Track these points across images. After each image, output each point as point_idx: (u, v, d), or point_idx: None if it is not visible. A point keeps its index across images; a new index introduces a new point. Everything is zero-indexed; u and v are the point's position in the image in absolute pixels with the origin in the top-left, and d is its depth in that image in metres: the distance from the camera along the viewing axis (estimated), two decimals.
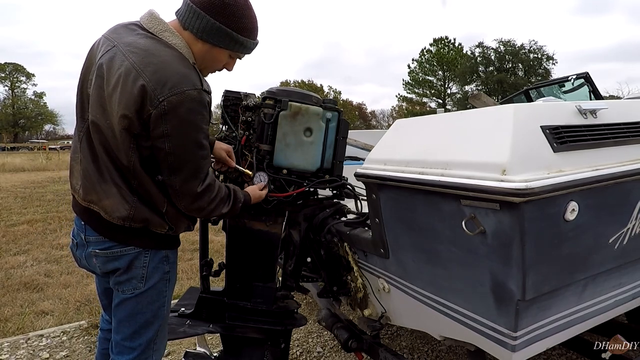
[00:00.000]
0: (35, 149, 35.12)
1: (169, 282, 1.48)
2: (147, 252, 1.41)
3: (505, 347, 1.22)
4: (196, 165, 1.33)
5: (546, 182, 1.04)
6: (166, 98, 1.23)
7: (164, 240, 1.44)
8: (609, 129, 1.33)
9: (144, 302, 1.42)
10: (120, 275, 1.40)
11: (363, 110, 65.27)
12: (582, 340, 1.93)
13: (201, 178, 1.35)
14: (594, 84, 3.76)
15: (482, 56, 45.08)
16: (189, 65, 1.33)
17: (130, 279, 1.40)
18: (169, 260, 1.47)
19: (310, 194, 2.02)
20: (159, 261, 1.43)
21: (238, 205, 1.52)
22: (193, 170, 1.33)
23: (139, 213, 1.36)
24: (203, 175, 1.36)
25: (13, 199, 9.33)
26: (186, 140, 1.29)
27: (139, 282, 1.41)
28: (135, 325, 1.43)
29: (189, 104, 1.25)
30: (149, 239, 1.41)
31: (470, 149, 1.20)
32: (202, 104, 1.29)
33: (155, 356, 1.49)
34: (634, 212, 1.32)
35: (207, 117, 1.34)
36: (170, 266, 1.48)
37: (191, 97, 1.26)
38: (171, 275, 1.49)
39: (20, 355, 2.76)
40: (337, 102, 2.08)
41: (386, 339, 2.89)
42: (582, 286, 1.32)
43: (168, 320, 1.56)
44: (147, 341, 1.45)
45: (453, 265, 1.31)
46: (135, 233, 1.38)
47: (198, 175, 1.34)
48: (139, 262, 1.40)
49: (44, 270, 4.47)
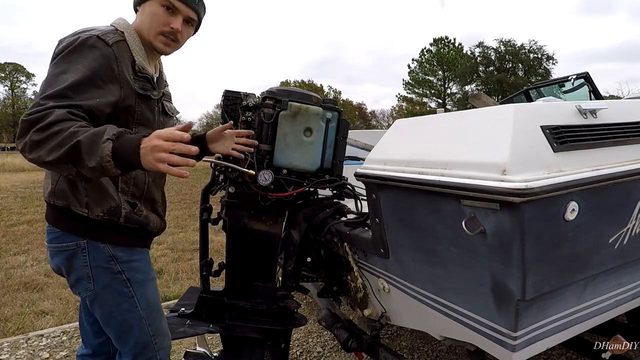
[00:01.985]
0: None
1: (131, 282, 1.36)
2: (84, 249, 1.31)
3: (505, 347, 1.22)
4: (53, 88, 1.16)
5: (546, 182, 1.04)
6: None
7: (95, 227, 1.30)
8: (609, 129, 1.33)
9: (106, 304, 1.36)
10: (69, 276, 1.36)
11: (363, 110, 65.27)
12: (582, 340, 1.93)
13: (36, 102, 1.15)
14: (594, 84, 3.76)
15: (482, 56, 45.06)
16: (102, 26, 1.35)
17: (79, 279, 1.35)
18: (117, 259, 1.34)
19: (310, 194, 2.02)
20: (102, 260, 1.32)
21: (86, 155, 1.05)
22: (46, 87, 1.18)
23: (59, 186, 1.31)
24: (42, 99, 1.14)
25: (13, 199, 9.33)
26: (53, 69, 1.22)
27: (88, 282, 1.34)
28: (115, 329, 1.39)
29: (73, 42, 1.24)
30: (77, 223, 1.31)
31: (470, 149, 1.20)
32: (85, 44, 1.24)
33: (160, 355, 1.45)
34: (634, 212, 1.32)
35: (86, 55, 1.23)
36: (123, 266, 1.35)
37: (79, 39, 1.24)
38: (131, 276, 1.37)
39: (20, 355, 2.76)
40: (337, 102, 2.08)
41: (386, 339, 2.89)
42: (582, 286, 1.32)
43: (161, 319, 1.48)
44: (136, 344, 1.40)
45: (453, 265, 1.31)
46: (62, 213, 1.31)
47: (38, 99, 1.15)
48: (79, 260, 1.32)
49: (44, 270, 4.47)
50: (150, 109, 1.42)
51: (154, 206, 1.51)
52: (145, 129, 1.37)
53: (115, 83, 1.27)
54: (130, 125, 1.34)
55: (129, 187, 1.39)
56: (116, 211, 1.33)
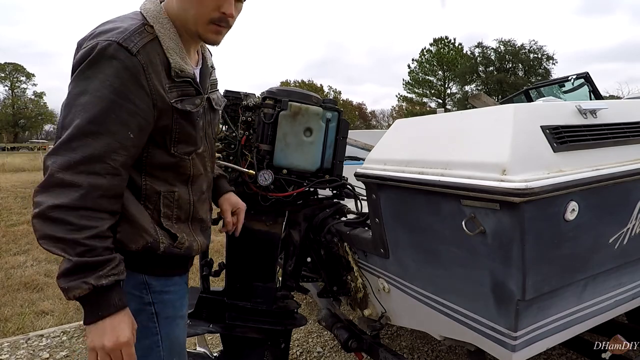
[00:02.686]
0: (35, 149, 35.13)
1: (159, 317, 1.17)
2: None
3: (505, 347, 1.22)
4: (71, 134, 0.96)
5: (546, 182, 1.04)
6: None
7: (130, 258, 1.10)
8: (609, 129, 1.33)
9: None
10: None
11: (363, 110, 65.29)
12: (582, 340, 1.93)
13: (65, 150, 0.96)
14: (594, 83, 3.76)
15: (482, 56, 45.09)
16: (127, 18, 1.08)
17: None
18: (149, 288, 1.16)
19: (310, 194, 2.02)
20: (134, 286, 1.14)
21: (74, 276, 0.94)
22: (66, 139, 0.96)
23: None
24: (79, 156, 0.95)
25: (13, 199, 9.33)
26: (71, 90, 1.01)
27: None
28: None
29: (90, 53, 1.00)
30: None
31: (470, 149, 1.20)
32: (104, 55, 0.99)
33: None
34: (634, 212, 1.32)
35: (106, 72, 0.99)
36: (155, 297, 1.17)
37: (97, 48, 0.99)
38: (160, 310, 1.18)
39: (20, 355, 2.76)
40: (337, 102, 2.08)
41: (386, 339, 2.89)
42: (582, 286, 1.32)
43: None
44: None
45: (453, 265, 1.31)
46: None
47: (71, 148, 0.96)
48: None
49: (44, 270, 4.47)
50: (193, 124, 1.17)
51: (202, 226, 1.30)
52: (187, 146, 1.17)
53: (147, 101, 1.04)
54: (168, 145, 1.13)
55: (173, 211, 1.17)
56: (154, 246, 1.13)
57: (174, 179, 1.17)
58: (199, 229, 1.28)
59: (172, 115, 1.10)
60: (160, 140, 1.11)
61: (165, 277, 1.20)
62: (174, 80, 1.10)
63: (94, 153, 0.96)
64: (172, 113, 1.10)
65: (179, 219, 1.20)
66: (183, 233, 1.20)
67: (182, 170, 1.18)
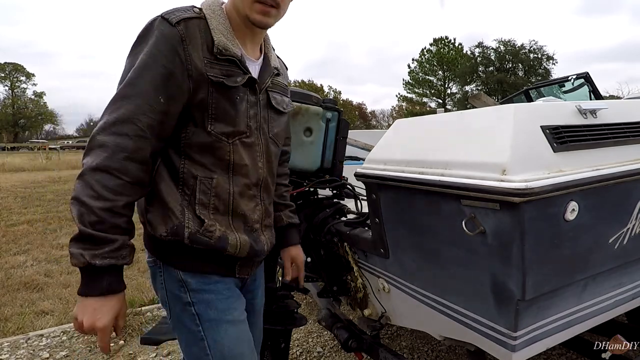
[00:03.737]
0: (35, 148, 35.13)
1: (201, 319, 1.11)
2: (161, 268, 1.14)
3: (505, 347, 1.22)
4: (113, 98, 1.02)
5: (546, 182, 1.04)
6: None
7: (162, 247, 1.11)
8: (609, 129, 1.33)
9: (180, 340, 1.16)
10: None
11: (363, 110, 65.29)
12: (582, 340, 1.93)
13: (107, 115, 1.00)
14: (594, 83, 3.76)
15: (482, 56, 45.10)
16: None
17: (162, 302, 1.17)
18: (187, 286, 1.11)
19: (310, 194, 2.02)
20: (174, 286, 1.12)
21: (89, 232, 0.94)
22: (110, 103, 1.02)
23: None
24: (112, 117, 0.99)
25: (13, 199, 9.33)
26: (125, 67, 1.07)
27: (166, 308, 1.16)
28: None
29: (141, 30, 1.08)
30: (148, 239, 1.15)
31: (470, 149, 1.20)
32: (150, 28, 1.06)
33: None
34: (634, 212, 1.32)
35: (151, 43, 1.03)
36: (193, 296, 1.11)
37: (147, 24, 1.08)
38: (201, 310, 1.11)
39: (20, 355, 2.76)
40: (337, 102, 2.08)
41: (386, 339, 2.89)
42: (582, 286, 1.32)
43: None
44: None
45: (453, 265, 1.31)
46: (143, 226, 1.16)
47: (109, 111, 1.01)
48: (158, 281, 1.16)
49: (44, 270, 4.47)
50: (231, 100, 1.11)
51: (247, 224, 1.19)
52: (226, 126, 1.11)
53: (181, 69, 1.04)
54: (206, 123, 1.09)
55: (210, 200, 1.11)
56: (179, 230, 1.08)
57: (213, 165, 1.11)
58: (242, 227, 1.17)
59: (207, 89, 1.07)
60: (199, 116, 1.08)
61: (201, 274, 1.13)
62: (216, 57, 1.08)
63: (124, 114, 0.99)
64: (208, 86, 1.07)
65: (217, 210, 1.12)
66: (217, 223, 1.12)
67: (221, 154, 1.11)
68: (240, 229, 1.17)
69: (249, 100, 1.16)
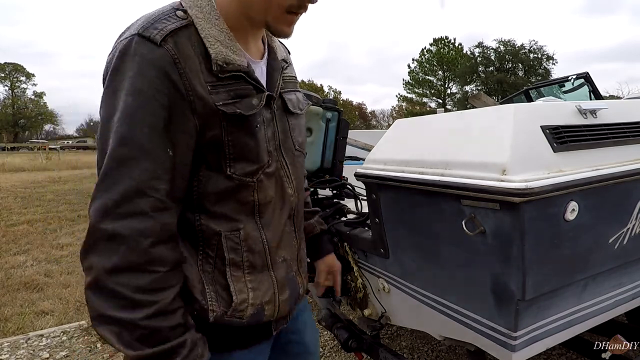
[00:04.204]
0: (35, 148, 35.13)
1: None
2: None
3: (505, 347, 1.22)
4: (105, 169, 0.75)
5: (546, 182, 1.04)
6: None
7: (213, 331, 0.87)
8: (609, 129, 1.33)
9: None
10: None
11: (363, 110, 65.30)
12: (582, 340, 1.93)
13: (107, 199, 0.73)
14: (594, 83, 3.76)
15: (482, 56, 45.11)
16: (160, 7, 0.85)
17: None
18: None
19: (310, 194, 2.02)
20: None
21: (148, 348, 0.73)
22: (101, 177, 0.75)
23: None
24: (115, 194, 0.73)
25: (13, 199, 9.33)
26: (101, 115, 0.78)
27: None
28: None
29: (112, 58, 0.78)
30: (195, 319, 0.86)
31: (470, 149, 1.20)
32: (126, 54, 0.76)
33: None
34: (634, 212, 1.32)
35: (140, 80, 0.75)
36: None
37: (118, 48, 0.78)
38: None
39: (20, 355, 2.76)
40: (337, 102, 2.09)
41: (386, 339, 2.89)
42: (582, 286, 1.32)
43: None
44: None
45: (453, 265, 1.31)
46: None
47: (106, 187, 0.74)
48: None
49: (44, 270, 4.47)
50: (251, 131, 0.87)
51: (289, 270, 1.00)
52: (248, 164, 0.88)
53: (183, 105, 0.79)
54: (223, 166, 0.85)
55: (242, 257, 0.89)
56: (200, 314, 0.86)
57: (235, 212, 0.88)
58: (283, 277, 0.97)
59: (220, 123, 0.83)
60: (212, 158, 0.84)
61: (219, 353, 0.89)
62: (217, 77, 0.83)
63: (131, 186, 0.73)
64: (220, 120, 0.82)
65: (253, 267, 0.90)
66: (251, 293, 0.90)
67: (244, 196, 0.88)
68: (283, 282, 0.96)
69: (265, 119, 0.91)
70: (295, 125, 1.04)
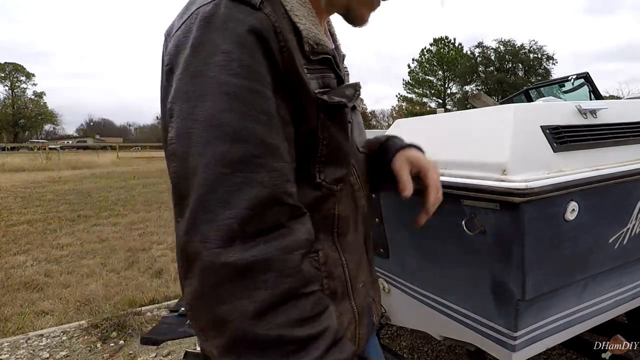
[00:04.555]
0: (35, 148, 35.14)
1: None
2: None
3: (505, 347, 1.22)
4: (209, 179, 0.53)
5: (546, 182, 1.04)
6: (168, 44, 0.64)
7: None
8: (609, 129, 1.33)
9: None
10: None
11: (363, 110, 65.31)
12: (582, 340, 1.93)
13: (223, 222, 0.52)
14: (594, 84, 3.76)
15: (482, 56, 45.12)
16: None
17: None
18: None
19: None
20: None
21: None
22: (204, 191, 0.54)
23: None
24: (240, 210, 0.53)
25: (13, 199, 9.33)
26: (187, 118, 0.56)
27: None
28: None
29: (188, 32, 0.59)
30: None
31: (470, 148, 1.20)
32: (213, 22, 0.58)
33: None
34: (634, 212, 1.32)
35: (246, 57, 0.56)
36: None
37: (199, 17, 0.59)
38: None
39: (20, 355, 2.76)
40: None
41: (386, 339, 2.89)
42: (582, 286, 1.32)
43: None
44: None
45: (453, 265, 1.31)
46: None
47: (219, 203, 0.53)
48: None
49: (44, 270, 4.47)
50: (344, 128, 0.71)
51: (367, 296, 0.82)
52: (337, 168, 0.70)
53: (282, 88, 0.61)
54: (312, 170, 0.67)
55: (322, 284, 0.70)
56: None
57: (315, 229, 0.65)
58: (362, 304, 0.79)
59: (317, 116, 0.65)
60: (302, 160, 0.66)
61: None
62: (309, 59, 0.66)
63: (263, 194, 0.54)
64: (317, 112, 0.65)
65: (334, 295, 0.72)
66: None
67: (326, 210, 0.71)
68: (362, 312, 0.79)
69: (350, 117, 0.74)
70: (361, 123, 0.90)
